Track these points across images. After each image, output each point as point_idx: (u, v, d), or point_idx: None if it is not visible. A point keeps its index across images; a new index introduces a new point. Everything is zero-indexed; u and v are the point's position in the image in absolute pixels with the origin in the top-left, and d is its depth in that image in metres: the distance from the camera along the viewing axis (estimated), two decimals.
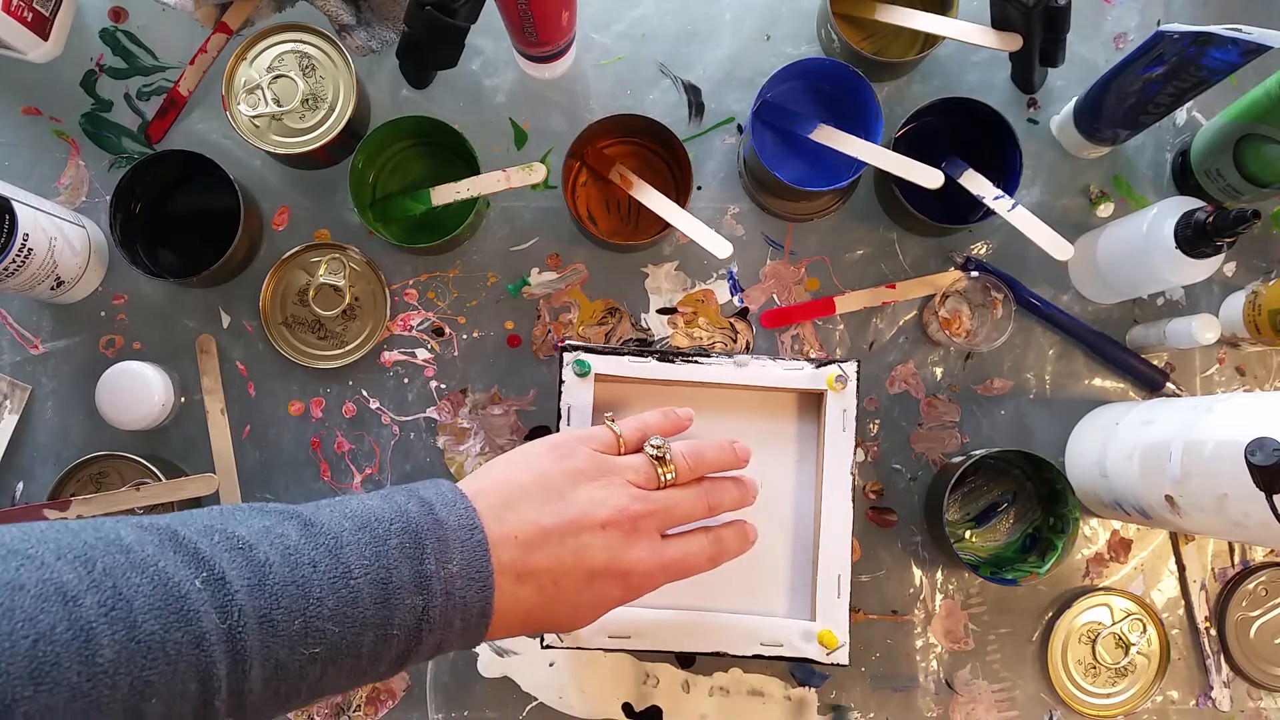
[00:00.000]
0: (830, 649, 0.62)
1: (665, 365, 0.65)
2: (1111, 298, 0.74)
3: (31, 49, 0.71)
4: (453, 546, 0.42)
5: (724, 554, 0.53)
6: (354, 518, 0.42)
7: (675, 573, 0.50)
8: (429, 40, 0.68)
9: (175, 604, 0.35)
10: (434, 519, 0.43)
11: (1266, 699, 0.74)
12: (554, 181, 0.74)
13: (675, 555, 0.49)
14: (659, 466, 0.51)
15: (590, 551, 0.46)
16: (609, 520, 0.47)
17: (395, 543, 0.41)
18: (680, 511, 0.50)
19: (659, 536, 0.49)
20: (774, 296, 0.75)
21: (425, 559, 0.41)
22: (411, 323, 0.74)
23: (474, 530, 0.43)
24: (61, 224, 0.68)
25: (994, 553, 0.73)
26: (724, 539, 0.53)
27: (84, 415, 0.72)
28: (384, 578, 0.40)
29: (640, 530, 0.48)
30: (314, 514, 0.42)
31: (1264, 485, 0.51)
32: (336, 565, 0.39)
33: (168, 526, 0.39)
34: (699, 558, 0.51)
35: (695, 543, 0.51)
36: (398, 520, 0.42)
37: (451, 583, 0.42)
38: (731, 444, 0.55)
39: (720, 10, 0.76)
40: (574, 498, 0.47)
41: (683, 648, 0.62)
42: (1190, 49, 0.60)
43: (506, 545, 0.44)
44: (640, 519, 0.48)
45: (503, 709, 0.71)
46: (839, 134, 0.68)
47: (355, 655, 0.40)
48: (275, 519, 0.41)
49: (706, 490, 0.52)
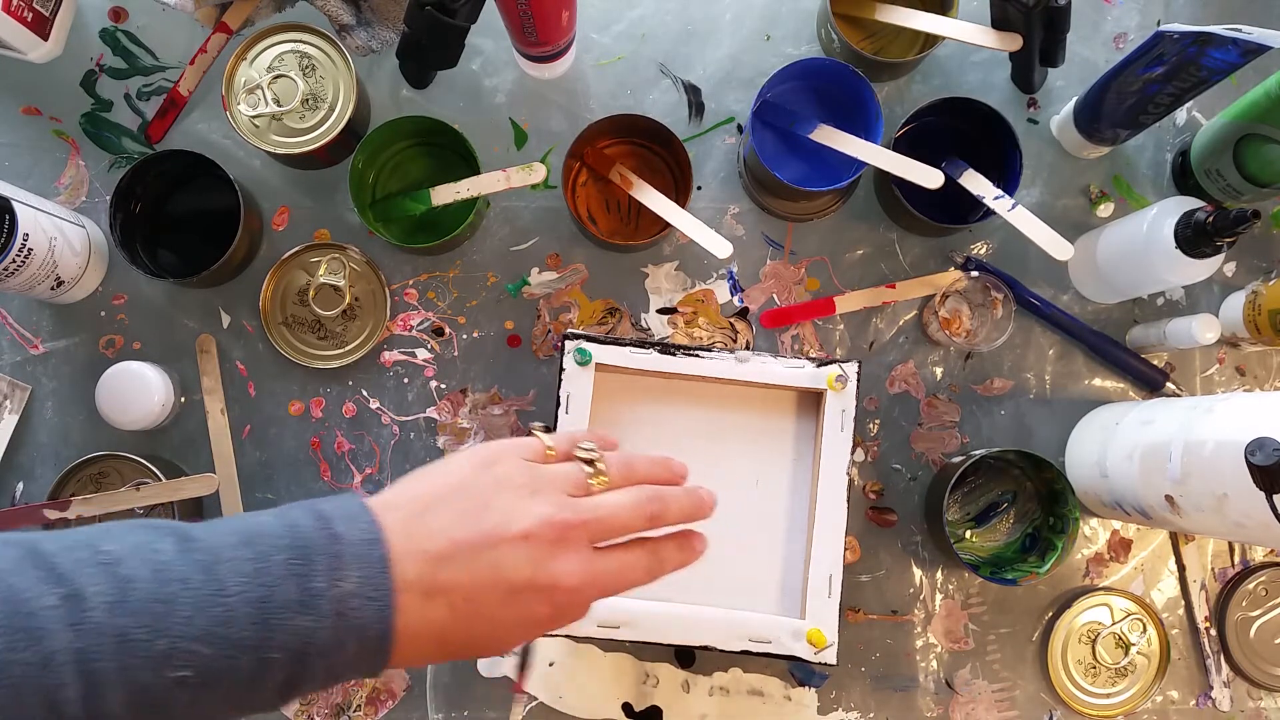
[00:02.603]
0: (819, 648, 0.62)
1: (666, 358, 0.65)
2: (1111, 298, 0.74)
3: (31, 49, 0.71)
4: (348, 563, 0.39)
5: (663, 566, 0.48)
6: (238, 533, 0.39)
7: (608, 587, 0.45)
8: (429, 40, 0.68)
9: (21, 621, 0.33)
10: (329, 534, 0.39)
11: (1266, 699, 0.74)
12: (554, 181, 0.74)
13: (607, 568, 0.45)
14: (590, 473, 0.46)
15: (509, 565, 0.42)
16: (531, 531, 0.42)
17: (280, 559, 0.38)
18: (615, 521, 0.45)
19: (590, 548, 0.44)
20: (774, 296, 0.75)
21: (314, 577, 0.38)
22: (411, 323, 0.74)
23: (374, 545, 0.39)
24: (61, 224, 0.68)
25: (994, 553, 0.73)
26: (663, 550, 0.48)
27: (84, 415, 0.72)
28: (263, 596, 0.37)
29: (567, 541, 0.43)
30: (195, 529, 0.39)
31: (1264, 485, 0.51)
32: (209, 582, 0.36)
33: (31, 541, 0.36)
34: (635, 570, 0.46)
35: (631, 554, 0.46)
36: (286, 535, 0.39)
37: (345, 602, 0.38)
38: (667, 460, 0.50)
39: (720, 10, 0.76)
40: (493, 507, 0.43)
41: (671, 640, 0.63)
42: (1190, 49, 0.60)
43: (413, 560, 0.40)
44: (568, 529, 0.43)
45: (503, 709, 0.71)
46: (839, 134, 0.68)
47: (231, 680, 0.37)
48: (152, 534, 0.38)
49: (648, 498, 0.47)
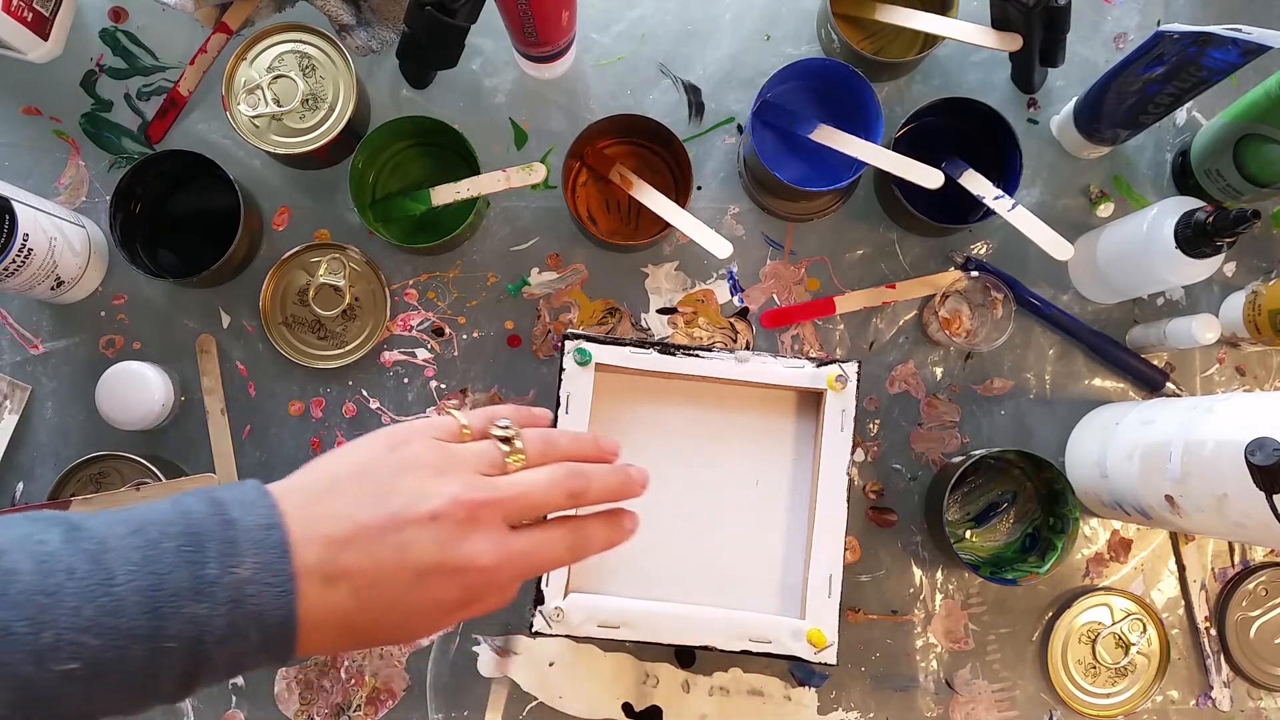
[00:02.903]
0: (818, 648, 0.62)
1: (666, 358, 0.65)
2: (1111, 298, 0.74)
3: (31, 49, 0.71)
4: (244, 548, 0.37)
5: (588, 545, 0.45)
6: (128, 521, 0.38)
7: (525, 567, 0.43)
8: (429, 40, 0.68)
9: None
10: (224, 519, 0.38)
11: (1266, 699, 0.74)
12: (554, 181, 0.74)
13: (523, 547, 0.43)
14: (506, 450, 0.44)
15: (416, 547, 0.40)
16: (440, 510, 0.41)
17: (171, 545, 0.37)
18: (532, 499, 0.43)
19: (505, 528, 0.42)
20: (774, 296, 0.75)
21: (207, 563, 0.37)
22: (411, 323, 0.74)
23: (272, 530, 0.38)
24: (61, 224, 0.68)
25: (994, 553, 0.73)
26: (587, 528, 0.45)
27: (84, 415, 0.72)
28: (154, 584, 0.36)
29: (479, 520, 0.41)
30: (86, 519, 0.38)
31: (1264, 485, 0.51)
32: (97, 571, 0.35)
33: None
34: (554, 549, 0.44)
35: (550, 532, 0.44)
36: (179, 522, 0.38)
37: (240, 589, 0.37)
38: (594, 437, 0.49)
39: (720, 10, 0.76)
40: (399, 488, 0.41)
41: (671, 640, 0.63)
42: (1190, 49, 0.60)
43: (313, 545, 0.39)
44: (480, 507, 0.41)
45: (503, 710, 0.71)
46: (839, 134, 0.68)
47: (124, 672, 0.35)
48: (39, 525, 0.37)
49: (568, 474, 0.44)
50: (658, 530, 0.66)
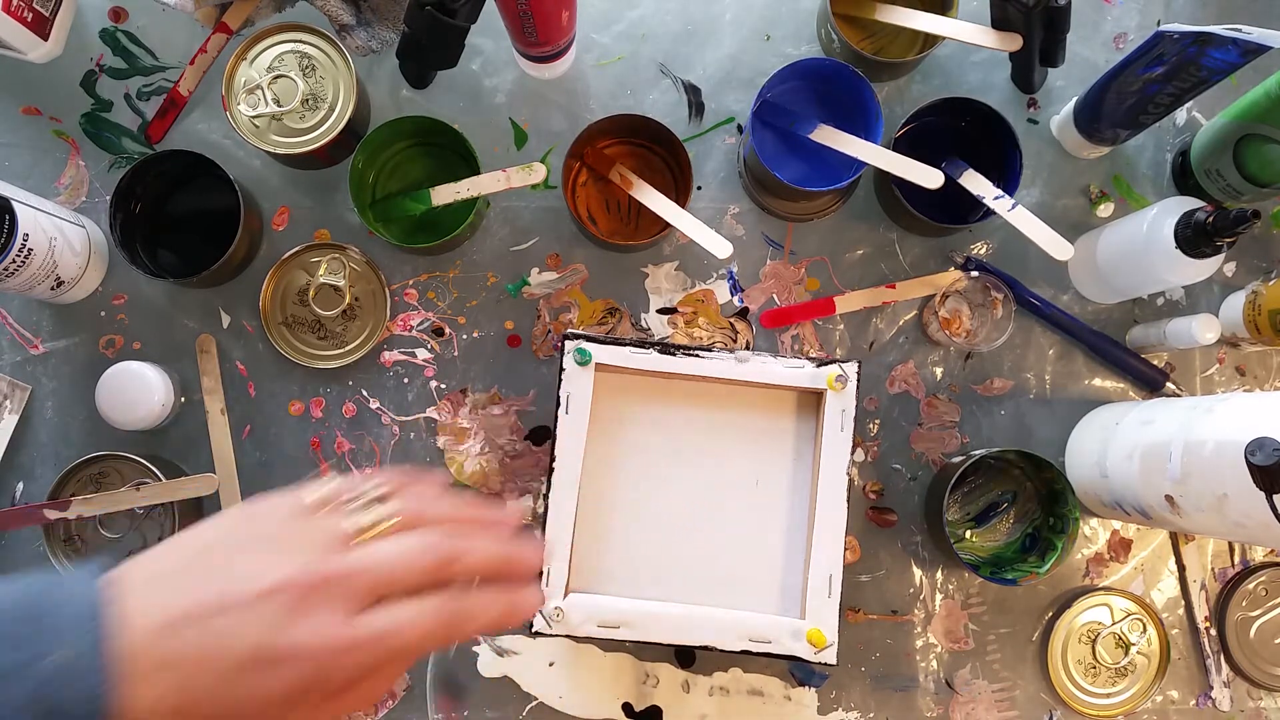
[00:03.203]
0: (818, 648, 0.62)
1: (666, 358, 0.65)
2: (1111, 298, 0.74)
3: (31, 49, 0.71)
4: (65, 632, 0.34)
5: (468, 621, 0.39)
6: None
7: (385, 650, 0.37)
8: (429, 40, 0.68)
9: None
10: (51, 600, 0.35)
11: (1266, 699, 0.74)
12: (554, 181, 0.74)
13: (379, 627, 0.37)
14: (370, 519, 0.39)
15: (238, 633, 0.35)
16: (271, 589, 0.36)
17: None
18: (383, 572, 0.38)
19: (353, 608, 0.37)
20: (774, 296, 0.75)
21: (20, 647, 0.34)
22: (411, 323, 0.74)
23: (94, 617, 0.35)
24: (61, 224, 0.68)
25: (994, 553, 0.73)
26: (467, 600, 0.39)
27: (84, 415, 0.72)
28: None
29: (312, 601, 0.36)
30: None
31: (1264, 485, 0.51)
32: None
33: None
34: (421, 626, 0.38)
35: (413, 608, 0.38)
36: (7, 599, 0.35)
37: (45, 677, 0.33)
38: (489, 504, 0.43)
39: (720, 10, 0.76)
40: (233, 567, 0.37)
41: (671, 640, 0.63)
42: (1190, 49, 0.60)
43: (141, 631, 0.35)
44: (315, 587, 0.36)
45: (503, 709, 0.71)
46: (839, 134, 0.68)
47: None
48: None
49: (437, 539, 0.39)
50: (658, 530, 0.66)
